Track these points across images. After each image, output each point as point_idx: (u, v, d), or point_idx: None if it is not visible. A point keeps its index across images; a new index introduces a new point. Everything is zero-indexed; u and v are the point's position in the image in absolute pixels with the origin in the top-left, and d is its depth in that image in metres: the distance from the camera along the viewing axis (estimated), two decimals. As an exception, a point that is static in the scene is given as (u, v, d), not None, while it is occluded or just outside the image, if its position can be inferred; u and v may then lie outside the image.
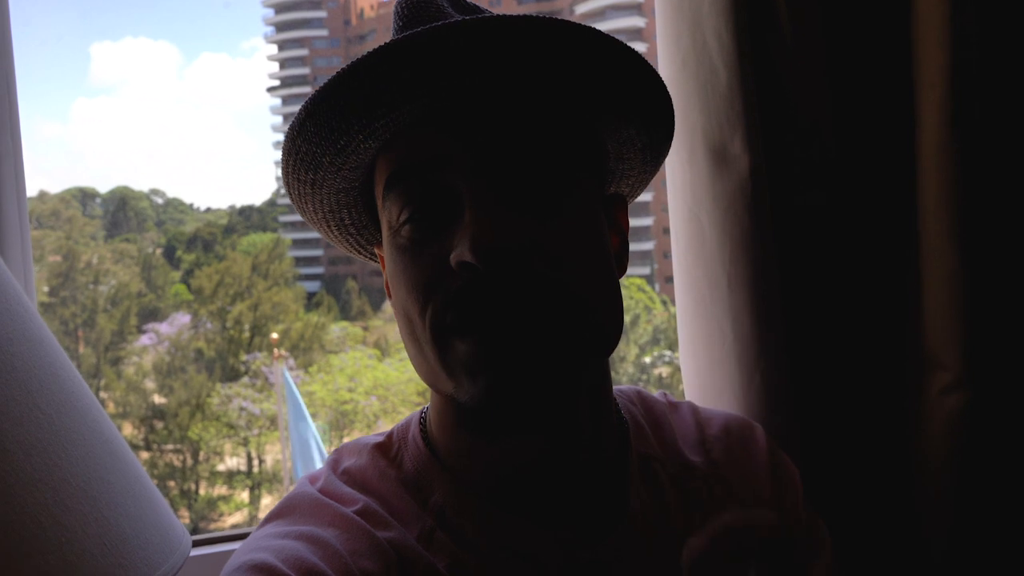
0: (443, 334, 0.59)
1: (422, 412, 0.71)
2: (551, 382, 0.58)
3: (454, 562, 0.62)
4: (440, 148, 0.59)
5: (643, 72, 0.62)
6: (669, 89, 0.67)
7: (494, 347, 0.57)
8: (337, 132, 0.59)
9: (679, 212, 0.97)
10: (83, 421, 0.57)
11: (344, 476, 0.67)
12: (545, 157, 0.59)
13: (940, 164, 0.84)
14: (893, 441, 0.90)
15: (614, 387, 0.71)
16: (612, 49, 0.59)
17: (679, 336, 1.02)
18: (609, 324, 0.62)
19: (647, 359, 16.07)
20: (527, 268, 0.57)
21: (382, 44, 0.57)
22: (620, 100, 0.64)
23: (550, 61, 0.58)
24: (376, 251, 0.72)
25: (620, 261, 0.68)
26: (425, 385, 0.65)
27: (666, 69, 0.94)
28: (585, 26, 0.58)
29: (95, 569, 0.51)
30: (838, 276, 0.90)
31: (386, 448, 0.69)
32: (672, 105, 0.66)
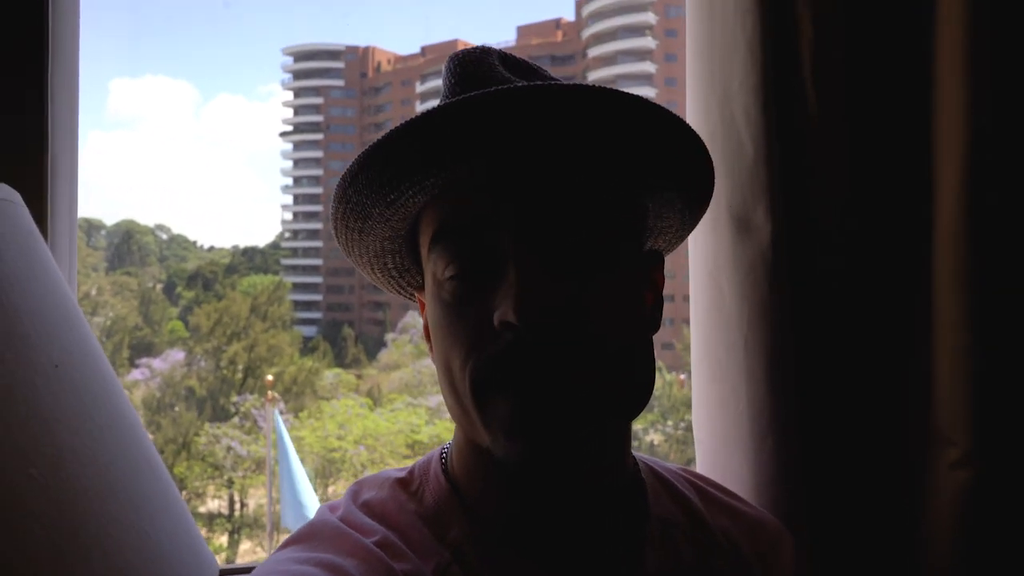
0: (483, 390, 0.61)
1: (443, 450, 0.72)
2: (586, 444, 0.60)
3: None
4: (487, 208, 0.61)
5: (687, 138, 0.65)
6: None
7: (534, 408, 0.59)
8: (389, 187, 0.62)
9: (699, 277, 1.00)
10: (129, 437, 0.58)
11: (364, 507, 0.68)
12: (587, 221, 0.62)
13: (955, 240, 0.87)
14: (902, 514, 0.91)
15: None
16: (659, 117, 0.63)
17: (693, 397, 1.04)
18: (644, 384, 0.64)
19: (639, 425, 15.97)
20: (567, 330, 0.59)
21: (439, 104, 0.60)
22: (664, 165, 0.67)
23: (599, 129, 0.61)
24: (416, 295, 0.75)
25: (654, 318, 0.70)
26: (415, 438, 0.67)
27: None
28: (633, 95, 0.61)
29: (135, 580, 0.52)
30: (853, 345, 0.92)
31: (407, 483, 0.70)
32: (712, 168, 0.69)
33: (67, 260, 0.84)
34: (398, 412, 16.51)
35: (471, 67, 0.66)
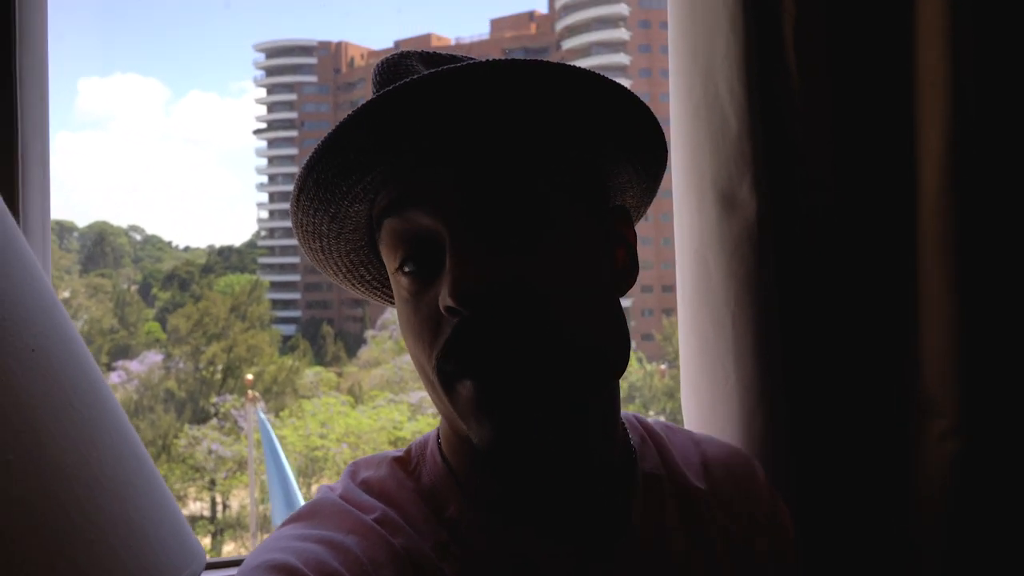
0: (448, 379, 0.61)
1: (439, 430, 0.72)
2: (558, 418, 0.60)
3: (468, 572, 0.64)
4: (421, 195, 0.61)
5: (613, 93, 0.63)
6: (681, 135, 0.70)
7: (494, 390, 0.59)
8: (326, 202, 0.63)
9: (686, 254, 0.99)
10: (111, 421, 0.57)
11: (363, 485, 0.69)
12: (525, 192, 0.61)
13: (939, 213, 0.87)
14: (891, 485, 0.92)
15: None
16: (575, 78, 0.61)
17: (681, 375, 1.04)
18: (612, 348, 0.64)
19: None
20: (515, 306, 0.58)
21: (348, 114, 0.60)
22: (589, 122, 0.65)
23: (518, 99, 0.60)
24: None
25: (628, 275, 0.69)
26: (398, 434, 0.67)
27: (679, 116, 0.98)
28: (536, 61, 0.59)
29: (123, 569, 0.51)
30: (839, 320, 0.92)
31: (405, 462, 0.70)
32: (651, 115, 0.67)
33: (41, 262, 0.82)
34: (380, 409, 16.48)
35: (390, 70, 0.66)
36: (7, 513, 0.46)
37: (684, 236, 0.99)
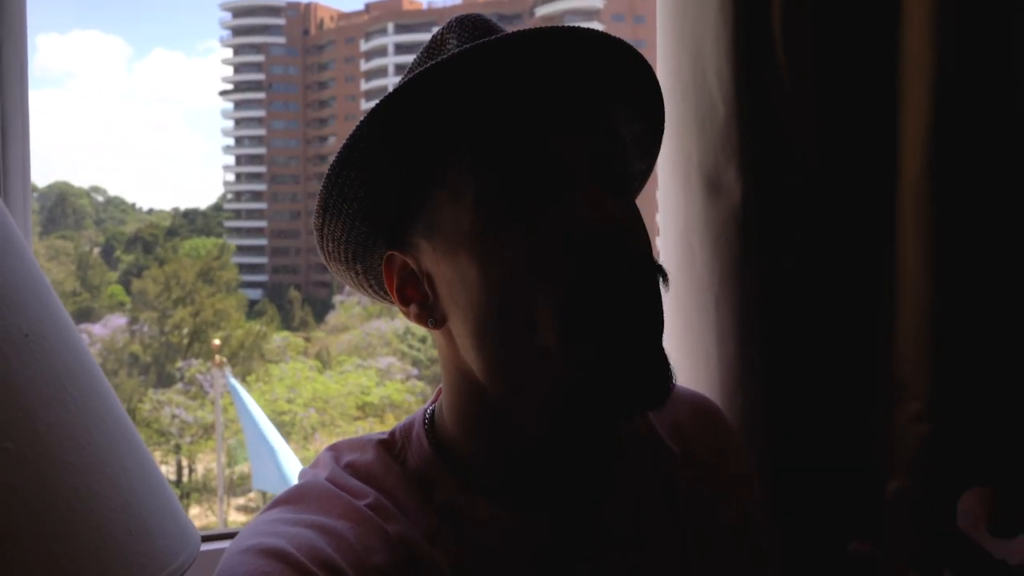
0: (588, 308, 0.59)
1: (425, 413, 0.72)
2: (667, 379, 0.63)
3: (457, 559, 0.64)
4: (538, 123, 0.61)
5: (630, 55, 0.66)
6: (668, 117, 0.72)
7: (638, 320, 0.61)
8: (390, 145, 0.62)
9: (671, 237, 1.00)
10: (104, 406, 0.56)
11: (349, 469, 0.67)
12: (616, 151, 0.64)
13: (919, 197, 0.89)
14: (865, 464, 0.94)
15: None
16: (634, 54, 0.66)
17: (662, 356, 1.05)
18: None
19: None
20: (644, 242, 0.62)
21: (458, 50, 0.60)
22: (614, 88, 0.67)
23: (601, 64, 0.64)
24: (404, 258, 0.67)
25: None
26: (366, 399, 0.66)
27: (666, 99, 0.98)
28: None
29: (121, 556, 0.51)
30: (820, 303, 0.94)
31: (390, 445, 0.69)
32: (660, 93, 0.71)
33: (23, 225, 0.80)
34: (348, 374, 16.45)
35: (475, 24, 0.65)
36: (4, 502, 0.46)
37: (669, 220, 1.00)
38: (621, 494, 0.70)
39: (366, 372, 16.71)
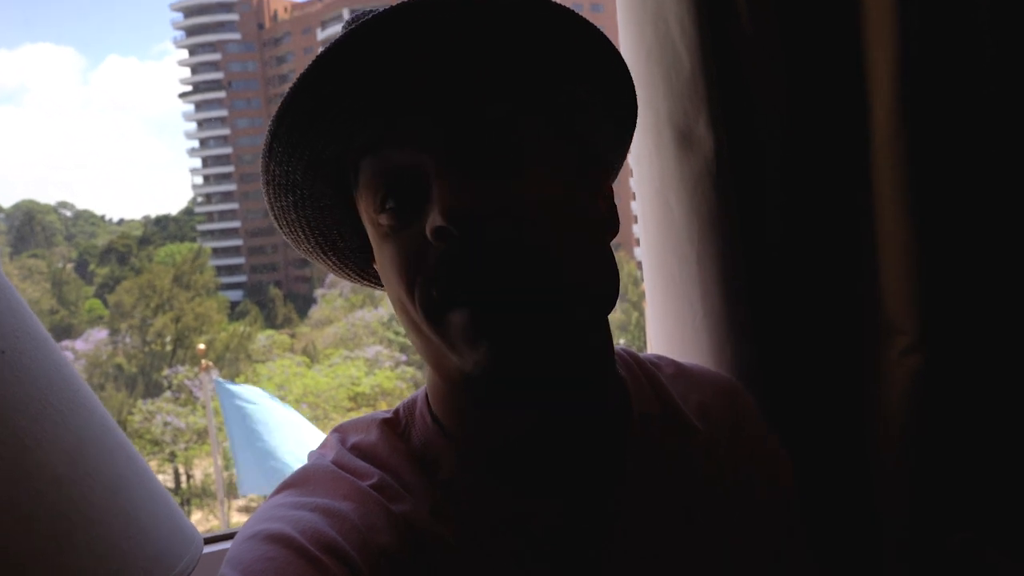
0: (435, 310, 0.60)
1: (426, 389, 0.71)
2: (554, 342, 0.60)
3: (463, 536, 0.63)
4: (399, 131, 0.60)
5: (586, 31, 0.64)
6: (635, 77, 0.70)
7: (487, 312, 0.58)
8: (300, 146, 0.61)
9: (647, 195, 1.00)
10: (92, 417, 0.56)
11: (355, 450, 0.67)
12: (505, 124, 0.61)
13: (892, 134, 0.89)
14: (856, 401, 0.95)
15: None
16: (548, 10, 0.61)
17: (647, 315, 1.05)
18: (596, 281, 0.63)
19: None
20: (502, 227, 0.58)
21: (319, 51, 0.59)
22: (564, 59, 0.65)
23: (483, 29, 0.60)
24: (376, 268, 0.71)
25: (610, 225, 0.69)
26: (357, 390, 0.66)
27: (631, 59, 0.97)
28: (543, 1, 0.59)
29: (124, 563, 0.50)
30: (801, 249, 0.94)
31: (394, 424, 0.69)
32: (618, 55, 0.67)
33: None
34: (336, 367, 16.40)
35: (364, 13, 0.64)
36: (1, 521, 0.45)
37: (644, 179, 1.00)
38: (633, 478, 0.69)
39: (355, 363, 16.67)
